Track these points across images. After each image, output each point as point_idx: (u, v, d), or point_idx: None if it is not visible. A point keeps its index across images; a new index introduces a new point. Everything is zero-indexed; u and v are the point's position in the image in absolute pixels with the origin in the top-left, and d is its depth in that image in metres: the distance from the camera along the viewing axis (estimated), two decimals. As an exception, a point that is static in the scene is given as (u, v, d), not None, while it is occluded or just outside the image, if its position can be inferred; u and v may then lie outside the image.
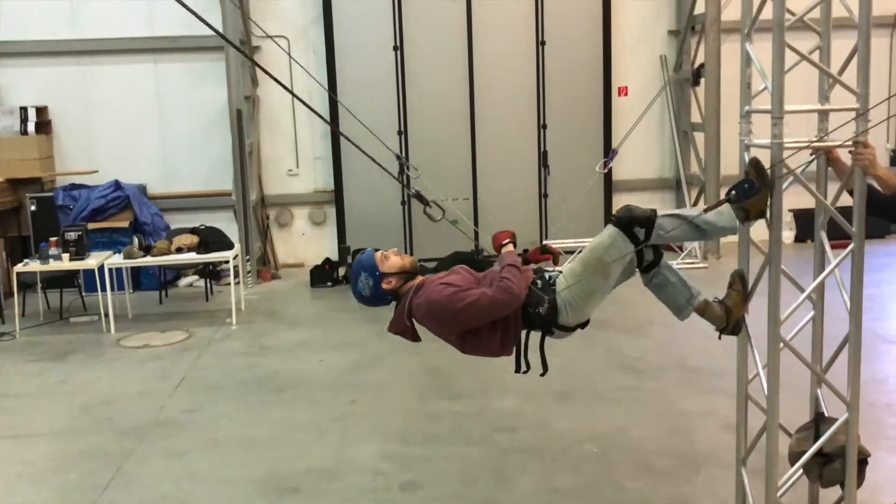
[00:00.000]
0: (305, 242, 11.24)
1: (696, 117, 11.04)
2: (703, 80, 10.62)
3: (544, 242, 4.42)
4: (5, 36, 10.28)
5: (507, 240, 4.12)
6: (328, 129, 10.78)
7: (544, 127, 11.08)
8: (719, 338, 3.86)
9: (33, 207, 9.74)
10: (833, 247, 3.47)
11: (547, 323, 3.89)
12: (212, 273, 10.00)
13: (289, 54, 9.78)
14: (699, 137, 10.89)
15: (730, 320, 3.77)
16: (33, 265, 8.41)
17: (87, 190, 9.99)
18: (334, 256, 10.70)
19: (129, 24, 10.47)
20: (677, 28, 11.18)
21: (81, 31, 10.43)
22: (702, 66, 10.64)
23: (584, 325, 4.03)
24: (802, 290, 3.48)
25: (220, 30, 9.92)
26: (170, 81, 10.67)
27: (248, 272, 10.08)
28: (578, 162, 10.82)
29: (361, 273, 4.08)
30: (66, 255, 8.31)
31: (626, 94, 11.25)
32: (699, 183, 10.87)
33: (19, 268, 8.38)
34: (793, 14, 3.39)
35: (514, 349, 4.02)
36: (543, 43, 10.93)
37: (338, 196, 10.89)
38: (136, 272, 9.83)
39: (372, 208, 10.83)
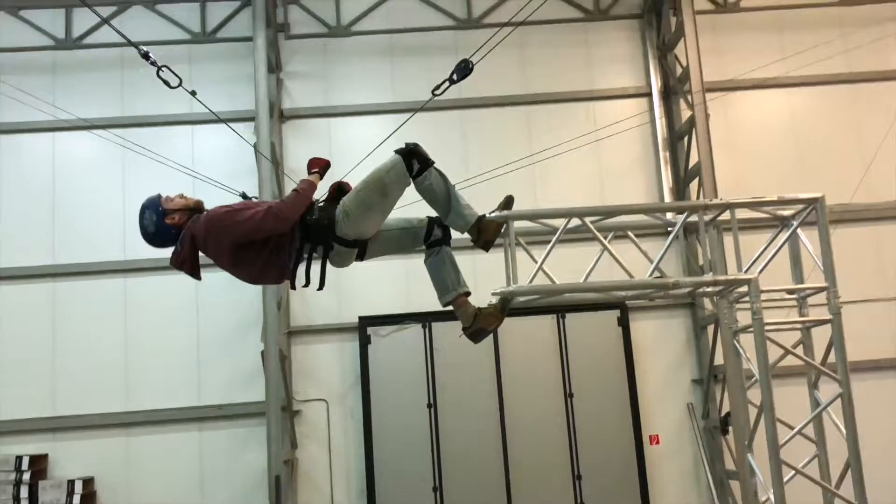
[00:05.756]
0: None
1: (730, 464, 11.06)
2: (730, 429, 10.80)
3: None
4: (61, 411, 10.93)
5: (316, 169, 4.52)
6: (364, 489, 10.89)
7: (579, 478, 11.11)
8: (459, 336, 4.48)
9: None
10: None
11: (325, 233, 4.26)
12: None
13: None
14: (735, 486, 10.83)
15: (475, 323, 4.40)
16: None
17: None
18: None
19: (178, 395, 11.10)
20: (700, 377, 11.59)
21: (132, 403, 11.05)
22: (728, 414, 10.88)
23: (362, 253, 4.39)
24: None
25: (263, 397, 10.62)
26: (212, 447, 11.05)
27: None
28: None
29: (146, 211, 4.44)
30: None
31: (657, 443, 11.41)
32: (742, 534, 10.63)
33: None
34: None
35: (294, 268, 4.33)
36: (571, 395, 11.31)
37: (372, 556, 10.75)
38: None
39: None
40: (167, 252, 11.85)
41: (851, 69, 12.11)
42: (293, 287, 4.48)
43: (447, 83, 5.00)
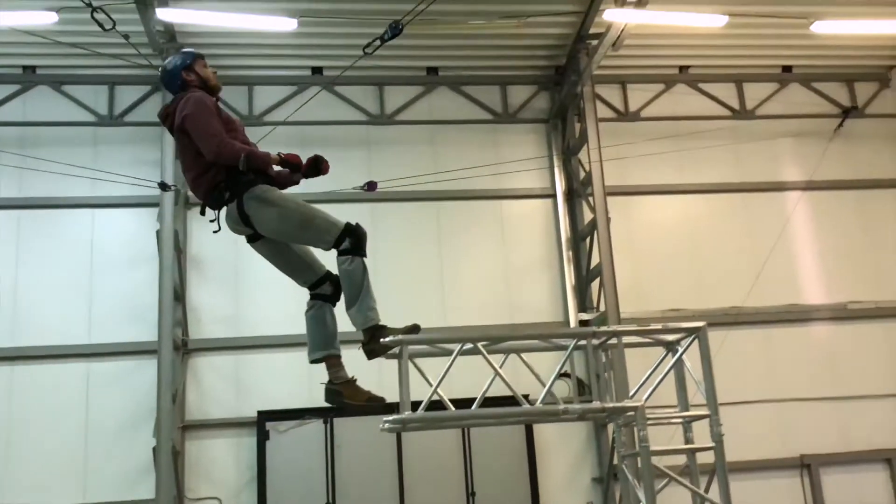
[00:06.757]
0: None
1: (628, 564, 11.08)
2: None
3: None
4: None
5: (290, 159, 4.65)
6: (257, 593, 10.46)
7: (483, 589, 10.92)
8: (322, 382, 4.63)
9: None
10: None
11: (239, 189, 4.44)
12: None
13: None
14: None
15: (340, 388, 4.55)
16: None
17: None
18: None
19: (62, 493, 10.49)
20: (600, 476, 11.66)
21: (10, 501, 10.42)
22: (628, 514, 10.95)
23: (254, 239, 4.57)
24: None
25: (153, 495, 10.17)
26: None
27: None
28: None
29: (179, 56, 4.73)
30: None
31: (559, 547, 11.36)
32: None
33: None
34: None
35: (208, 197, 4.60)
36: (474, 494, 11.20)
37: None
38: None
39: None
40: (57, 339, 11.32)
41: (743, 178, 12.74)
42: (202, 213, 4.85)
43: (378, 41, 5.26)
